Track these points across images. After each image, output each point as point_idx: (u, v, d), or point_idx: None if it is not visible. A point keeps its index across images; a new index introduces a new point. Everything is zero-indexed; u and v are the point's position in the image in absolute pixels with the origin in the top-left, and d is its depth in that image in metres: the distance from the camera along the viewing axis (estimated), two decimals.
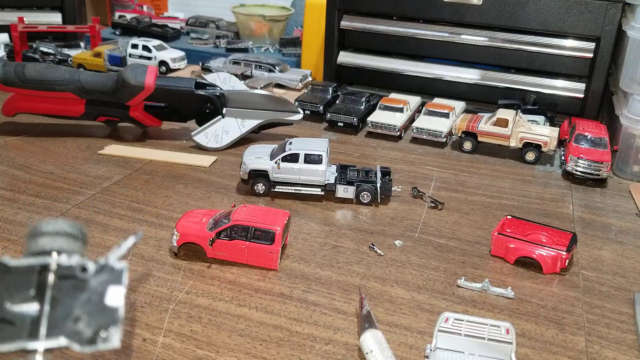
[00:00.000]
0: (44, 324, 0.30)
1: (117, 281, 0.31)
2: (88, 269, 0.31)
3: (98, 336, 0.30)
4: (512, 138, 1.61)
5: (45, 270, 0.31)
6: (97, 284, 0.31)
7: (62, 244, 0.31)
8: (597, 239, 1.25)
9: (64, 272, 0.31)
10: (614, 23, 1.73)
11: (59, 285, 0.31)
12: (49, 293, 0.31)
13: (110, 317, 0.30)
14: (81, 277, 0.31)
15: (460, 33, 1.95)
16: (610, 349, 0.92)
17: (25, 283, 0.31)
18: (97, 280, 0.31)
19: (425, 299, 1.02)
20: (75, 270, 0.31)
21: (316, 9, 2.20)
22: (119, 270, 0.31)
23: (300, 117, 1.65)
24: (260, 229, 1.06)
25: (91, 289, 0.31)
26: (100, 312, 0.30)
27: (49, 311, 0.31)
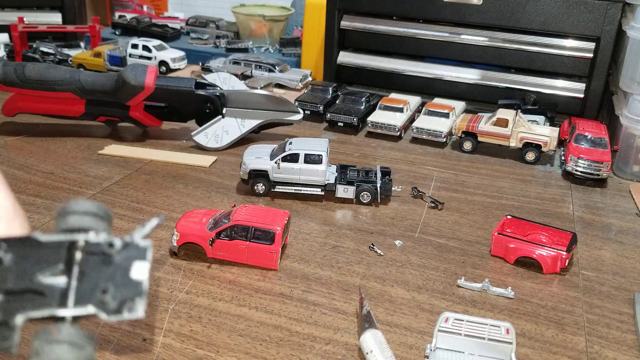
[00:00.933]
0: (72, 295, 0.32)
1: (142, 257, 0.33)
2: (114, 245, 0.33)
3: (124, 306, 0.32)
4: (512, 138, 1.61)
5: (74, 246, 0.33)
6: (123, 260, 0.32)
7: (89, 223, 0.33)
8: (597, 239, 1.25)
9: (91, 249, 0.33)
10: (614, 23, 1.73)
11: (87, 260, 0.32)
12: (77, 268, 0.33)
13: (135, 289, 0.32)
14: (108, 253, 0.32)
15: (460, 33, 1.95)
16: (610, 349, 0.92)
17: (54, 258, 0.33)
18: (123, 256, 0.32)
19: (425, 299, 1.02)
20: (102, 247, 0.33)
21: (316, 9, 2.20)
22: (144, 247, 0.33)
23: (300, 117, 1.65)
24: (260, 229, 1.06)
25: (117, 264, 0.32)
26: (125, 285, 0.32)
27: (76, 284, 0.32)
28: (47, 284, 0.32)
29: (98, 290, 0.32)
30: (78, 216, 0.34)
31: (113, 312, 0.32)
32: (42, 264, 0.32)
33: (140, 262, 0.32)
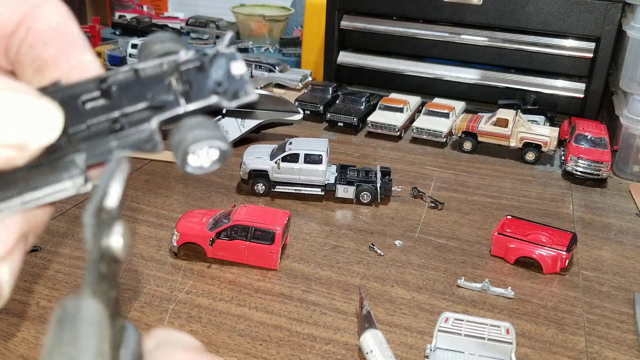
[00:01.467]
0: (188, 95, 0.34)
1: (233, 58, 0.34)
2: (208, 53, 0.34)
3: (239, 93, 0.34)
4: (512, 138, 1.61)
5: (172, 64, 0.34)
6: (219, 65, 0.34)
7: (175, 46, 0.35)
8: (597, 239, 1.25)
9: (188, 64, 0.34)
10: (614, 23, 1.73)
11: (188, 72, 0.34)
12: (182, 80, 0.34)
13: (241, 81, 0.34)
14: (203, 62, 0.34)
15: (460, 33, 1.95)
16: (610, 349, 0.92)
17: (157, 80, 0.34)
18: (217, 62, 0.34)
19: (425, 299, 1.02)
20: (196, 59, 0.34)
21: (316, 9, 2.20)
22: (230, 52, 0.34)
23: (300, 117, 1.65)
24: (260, 229, 1.06)
25: (215, 69, 0.34)
26: (231, 79, 0.34)
27: (189, 89, 0.34)
28: (162, 98, 0.34)
29: (210, 86, 0.34)
30: (162, 44, 0.35)
31: (232, 98, 0.34)
32: (148, 87, 0.34)
33: (234, 62, 0.34)
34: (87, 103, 0.33)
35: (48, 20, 0.35)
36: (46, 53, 0.34)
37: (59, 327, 0.26)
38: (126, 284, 1.02)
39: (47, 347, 0.25)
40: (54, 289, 1.00)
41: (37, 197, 0.33)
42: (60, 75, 0.34)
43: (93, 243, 0.30)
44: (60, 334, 0.26)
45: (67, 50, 0.35)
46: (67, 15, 0.37)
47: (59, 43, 0.35)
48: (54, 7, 0.36)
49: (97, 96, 0.33)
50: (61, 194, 0.33)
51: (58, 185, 0.33)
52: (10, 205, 0.32)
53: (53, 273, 1.04)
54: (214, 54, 0.34)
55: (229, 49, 0.35)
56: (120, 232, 0.30)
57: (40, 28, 0.35)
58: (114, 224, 0.30)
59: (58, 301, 0.94)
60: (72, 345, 0.26)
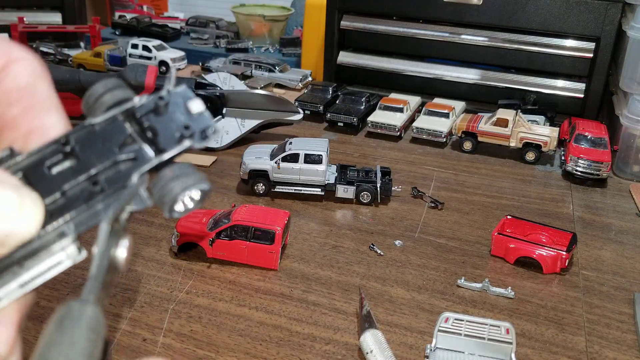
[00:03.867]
0: (156, 143, 0.33)
1: (189, 96, 0.34)
2: (164, 97, 0.33)
3: (206, 132, 0.33)
4: (512, 138, 1.61)
5: (128, 113, 0.33)
6: (176, 106, 0.33)
7: (124, 94, 0.34)
8: (597, 239, 1.25)
9: (144, 110, 0.33)
10: (614, 23, 1.73)
11: (147, 118, 0.33)
12: (143, 128, 0.33)
13: (203, 119, 0.33)
14: (159, 106, 0.33)
15: (460, 33, 1.95)
16: (610, 349, 0.92)
17: (116, 132, 0.33)
18: (173, 103, 0.33)
19: (425, 299, 1.02)
20: (152, 104, 0.33)
21: (316, 9, 2.20)
22: (182, 90, 0.34)
23: (300, 117, 1.65)
24: (260, 229, 1.06)
25: (172, 110, 0.33)
26: (194, 119, 0.33)
27: (151, 136, 0.33)
28: (131, 149, 0.33)
29: (177, 131, 0.33)
30: (111, 93, 0.34)
31: (202, 138, 0.34)
32: (110, 141, 0.33)
33: (191, 101, 0.34)
34: (53, 167, 0.32)
35: (16, 79, 0.34)
36: (9, 114, 0.33)
37: (59, 326, 0.26)
38: (126, 284, 1.02)
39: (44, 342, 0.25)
40: (54, 289, 1.00)
41: (34, 276, 0.31)
42: (18, 137, 0.33)
43: (103, 251, 0.30)
44: (60, 333, 0.26)
45: (31, 111, 0.34)
46: (38, 73, 0.35)
47: (23, 104, 0.34)
48: (25, 65, 0.35)
49: (61, 159, 0.32)
50: (57, 268, 0.32)
51: (52, 259, 0.31)
52: (8, 291, 0.31)
53: None
54: (167, 95, 0.33)
55: (180, 87, 0.34)
56: (126, 245, 0.31)
57: (7, 87, 0.34)
58: (122, 236, 0.31)
59: (59, 301, 0.94)
60: (69, 346, 0.26)
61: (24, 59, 0.35)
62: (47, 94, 0.35)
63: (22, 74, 0.34)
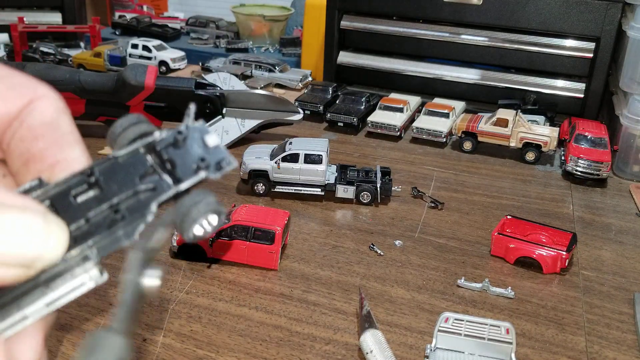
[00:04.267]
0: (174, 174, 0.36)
1: (205, 131, 0.36)
2: (182, 131, 0.36)
3: (221, 163, 0.36)
4: (512, 138, 1.61)
5: (149, 147, 0.36)
6: (193, 140, 0.36)
7: (146, 127, 0.37)
8: (597, 239, 1.25)
9: (164, 144, 0.36)
10: (614, 23, 1.73)
11: (166, 151, 0.36)
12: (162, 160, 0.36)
13: (219, 151, 0.36)
14: (178, 140, 0.36)
15: (460, 33, 1.95)
16: (610, 349, 0.93)
17: (138, 164, 0.35)
18: (191, 138, 0.36)
19: (425, 299, 1.02)
20: (171, 138, 0.36)
21: (316, 9, 2.20)
22: (200, 126, 0.36)
23: (300, 117, 1.65)
24: (260, 229, 1.06)
25: (190, 144, 0.36)
26: (210, 152, 0.36)
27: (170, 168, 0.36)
28: (151, 181, 0.35)
29: (194, 163, 0.36)
30: (134, 127, 0.37)
31: (216, 170, 0.36)
32: (132, 172, 0.35)
33: (207, 136, 0.36)
34: (78, 197, 0.34)
35: (41, 115, 0.36)
36: (35, 147, 0.36)
37: (89, 355, 0.28)
38: None
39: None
40: None
41: (59, 296, 0.33)
42: (45, 169, 0.35)
43: (134, 280, 0.32)
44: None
45: (55, 145, 0.36)
46: (61, 110, 0.38)
47: (48, 138, 0.36)
48: (49, 102, 0.37)
49: (86, 188, 0.35)
50: (81, 289, 0.34)
51: (76, 280, 0.34)
52: (36, 309, 0.33)
53: None
54: (186, 130, 0.36)
55: (198, 123, 0.36)
56: (158, 275, 0.33)
57: (33, 123, 0.36)
58: (151, 264, 0.33)
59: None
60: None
61: (47, 96, 0.37)
62: (70, 129, 0.38)
63: (47, 111, 0.37)
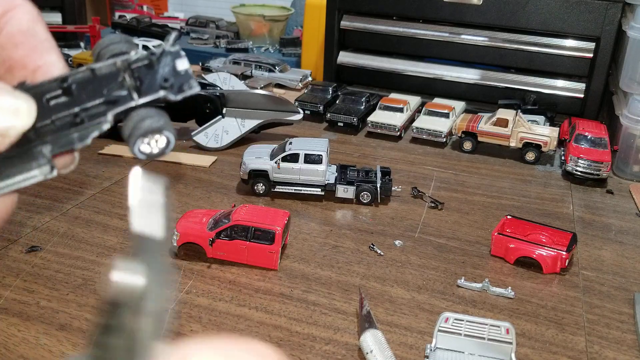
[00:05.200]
0: (140, 91, 0.38)
1: (178, 56, 0.38)
2: (155, 53, 0.37)
3: (183, 86, 0.38)
4: (512, 138, 1.61)
5: (124, 63, 0.37)
6: (165, 63, 0.38)
7: (127, 47, 0.39)
8: (597, 239, 1.25)
9: (137, 63, 0.38)
10: (614, 23, 1.73)
11: (138, 69, 0.38)
12: (132, 76, 0.37)
13: (185, 76, 0.38)
14: (151, 60, 0.37)
15: (460, 33, 1.95)
16: (610, 349, 0.92)
17: (111, 77, 0.37)
18: (163, 60, 0.38)
19: (425, 299, 1.02)
20: (145, 58, 0.37)
21: (316, 9, 2.20)
22: (175, 50, 0.38)
23: (300, 117, 1.65)
24: (260, 229, 1.06)
25: (162, 66, 0.38)
26: (177, 75, 0.38)
27: (139, 85, 0.37)
28: (116, 94, 0.37)
29: (158, 82, 0.38)
30: (117, 44, 0.39)
31: (178, 92, 0.38)
32: (103, 84, 0.37)
33: (179, 59, 0.38)
34: (51, 100, 0.37)
35: (19, 23, 0.38)
36: (16, 54, 0.38)
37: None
38: None
39: None
40: (54, 289, 1.00)
41: (10, 184, 0.36)
42: (28, 74, 0.37)
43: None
44: None
45: (35, 51, 0.38)
46: (36, 17, 0.39)
47: (28, 45, 0.38)
48: (25, 10, 0.39)
49: (59, 94, 0.37)
50: (30, 181, 0.37)
51: (28, 173, 0.37)
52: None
53: (53, 273, 1.04)
54: (161, 52, 0.38)
55: (174, 47, 0.38)
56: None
57: (12, 31, 0.38)
58: None
59: (59, 301, 0.94)
60: None
61: (23, 5, 0.39)
62: (46, 36, 0.39)
63: (23, 19, 0.39)
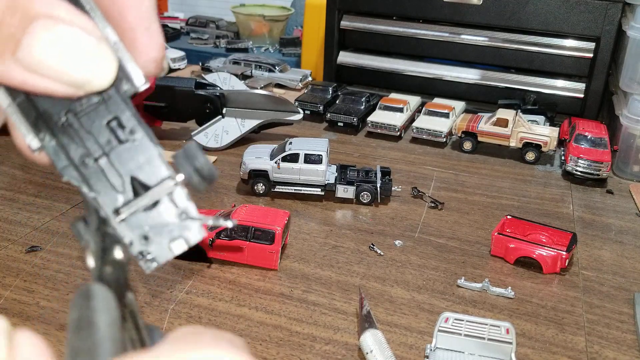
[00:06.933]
0: None
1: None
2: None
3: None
4: (512, 138, 1.61)
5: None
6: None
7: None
8: (597, 239, 1.25)
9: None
10: (614, 23, 1.73)
11: None
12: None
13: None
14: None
15: (460, 33, 1.95)
16: (610, 349, 0.92)
17: None
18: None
19: (425, 299, 1.02)
20: None
21: (316, 9, 2.20)
22: None
23: (300, 117, 1.65)
24: (260, 229, 1.06)
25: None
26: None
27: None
28: None
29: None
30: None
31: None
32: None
33: None
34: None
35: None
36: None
37: (75, 307, 0.28)
38: None
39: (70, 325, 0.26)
40: (54, 289, 1.00)
41: None
42: None
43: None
44: (77, 312, 0.27)
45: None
46: None
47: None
48: None
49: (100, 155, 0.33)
50: None
51: None
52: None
53: (53, 273, 1.04)
54: None
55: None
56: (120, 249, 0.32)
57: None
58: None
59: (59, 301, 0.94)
60: (88, 313, 0.27)
61: None
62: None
63: None
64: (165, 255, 0.32)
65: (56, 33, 0.29)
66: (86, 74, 0.31)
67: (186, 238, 0.32)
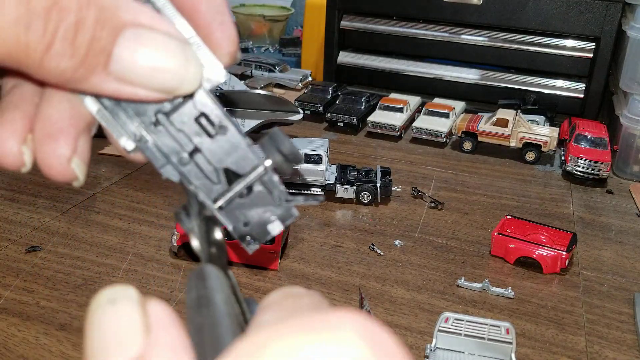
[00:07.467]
0: None
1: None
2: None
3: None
4: (512, 138, 1.61)
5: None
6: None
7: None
8: (597, 239, 1.25)
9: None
10: (614, 23, 1.73)
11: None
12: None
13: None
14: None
15: (460, 33, 1.95)
16: (610, 349, 0.92)
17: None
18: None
19: (425, 299, 1.02)
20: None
21: (316, 9, 2.20)
22: None
23: (300, 117, 1.65)
24: None
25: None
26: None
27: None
28: None
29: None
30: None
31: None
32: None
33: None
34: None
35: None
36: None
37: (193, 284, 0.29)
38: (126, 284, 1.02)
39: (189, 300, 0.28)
40: (54, 289, 1.00)
41: None
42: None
43: None
44: (196, 287, 0.29)
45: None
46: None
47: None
48: None
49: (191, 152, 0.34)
50: None
51: None
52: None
53: (53, 273, 1.04)
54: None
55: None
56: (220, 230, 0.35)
57: None
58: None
59: (59, 301, 0.93)
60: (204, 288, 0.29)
61: None
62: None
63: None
64: (264, 237, 0.35)
65: (144, 42, 0.29)
66: (176, 80, 0.31)
67: (282, 219, 0.34)
